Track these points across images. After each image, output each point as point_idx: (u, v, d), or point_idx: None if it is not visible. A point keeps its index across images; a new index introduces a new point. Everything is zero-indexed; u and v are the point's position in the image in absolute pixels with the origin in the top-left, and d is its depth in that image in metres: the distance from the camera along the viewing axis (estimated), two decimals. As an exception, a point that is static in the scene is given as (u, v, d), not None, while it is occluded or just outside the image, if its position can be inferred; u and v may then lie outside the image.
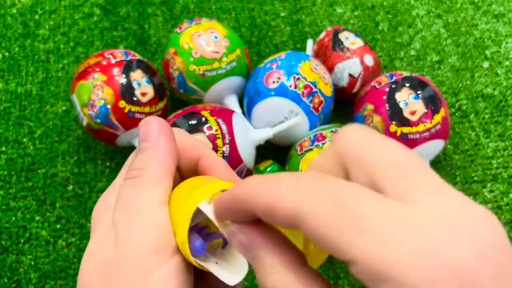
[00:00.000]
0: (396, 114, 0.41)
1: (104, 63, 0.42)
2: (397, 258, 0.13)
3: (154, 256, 0.18)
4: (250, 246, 0.16)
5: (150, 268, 0.17)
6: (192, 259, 0.18)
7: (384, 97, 0.42)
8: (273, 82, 0.42)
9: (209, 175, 0.22)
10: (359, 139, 0.16)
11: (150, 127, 0.20)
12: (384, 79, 0.43)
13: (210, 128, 0.39)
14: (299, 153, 0.41)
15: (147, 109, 0.42)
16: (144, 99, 0.42)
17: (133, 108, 0.41)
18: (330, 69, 0.47)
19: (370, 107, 0.42)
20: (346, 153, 0.16)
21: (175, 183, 0.20)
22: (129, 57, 0.43)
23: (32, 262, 0.43)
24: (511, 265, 0.13)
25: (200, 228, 0.20)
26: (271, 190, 0.16)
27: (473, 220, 0.13)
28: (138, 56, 0.45)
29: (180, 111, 0.41)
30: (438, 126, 0.41)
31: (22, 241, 0.44)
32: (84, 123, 0.42)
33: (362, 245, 0.13)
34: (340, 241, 0.13)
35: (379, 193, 0.14)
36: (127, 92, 0.41)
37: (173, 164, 0.20)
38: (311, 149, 0.40)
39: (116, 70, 0.42)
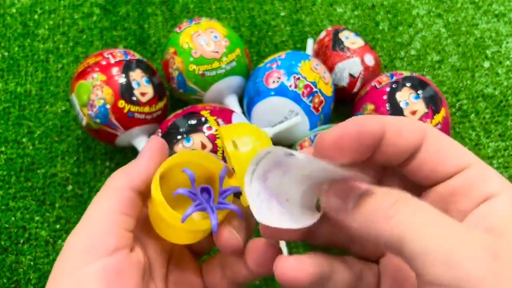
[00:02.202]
0: (396, 114, 0.40)
1: (104, 63, 0.42)
2: None
3: (83, 255, 0.19)
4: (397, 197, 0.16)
5: (77, 265, 0.19)
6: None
7: (385, 97, 0.41)
8: (273, 82, 0.42)
9: None
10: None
11: (144, 146, 0.23)
12: (384, 78, 0.43)
13: (210, 128, 0.39)
14: (299, 153, 0.41)
15: (146, 109, 0.42)
16: (143, 99, 0.42)
17: (133, 108, 0.41)
18: (330, 69, 0.47)
19: (370, 107, 0.42)
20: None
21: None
22: (129, 57, 0.43)
23: (32, 263, 0.43)
24: None
25: (207, 187, 0.21)
26: (401, 117, 0.19)
27: None
28: (137, 56, 0.45)
29: (180, 111, 0.41)
30: (439, 126, 0.41)
31: (22, 241, 0.44)
32: (84, 123, 0.42)
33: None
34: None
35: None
36: (126, 92, 0.41)
37: (138, 177, 0.22)
38: (311, 149, 0.40)
39: (115, 70, 0.42)
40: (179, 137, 0.39)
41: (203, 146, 0.38)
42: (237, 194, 0.21)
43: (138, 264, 0.20)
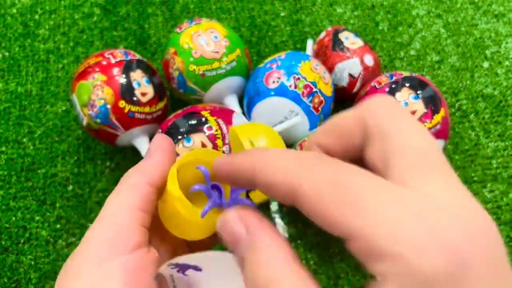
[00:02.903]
0: (396, 114, 0.40)
1: (104, 63, 0.42)
2: (392, 236, 0.13)
3: (107, 249, 0.19)
4: (248, 235, 0.16)
5: (100, 259, 0.19)
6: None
7: (384, 97, 0.41)
8: (273, 82, 0.42)
9: None
10: (387, 110, 0.16)
11: (152, 144, 0.22)
12: (384, 79, 0.43)
13: (210, 128, 0.39)
14: (299, 153, 0.41)
15: (147, 109, 0.42)
16: (144, 99, 0.42)
17: (133, 108, 0.41)
18: (330, 69, 0.47)
19: (370, 107, 0.42)
20: (371, 120, 0.16)
21: None
22: (129, 57, 0.43)
23: (32, 262, 0.43)
24: (503, 256, 0.14)
25: (217, 185, 0.21)
26: (272, 165, 0.16)
27: (469, 211, 0.14)
28: (138, 56, 0.45)
29: (180, 111, 0.41)
30: (438, 126, 0.41)
31: (22, 241, 0.44)
32: (84, 123, 0.42)
33: (359, 223, 0.13)
34: (338, 219, 0.14)
35: (384, 172, 0.15)
36: (127, 92, 0.41)
37: (155, 173, 0.21)
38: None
39: (116, 70, 0.42)
40: (179, 137, 0.39)
41: (203, 146, 0.38)
42: (248, 192, 0.21)
43: (156, 262, 0.20)
